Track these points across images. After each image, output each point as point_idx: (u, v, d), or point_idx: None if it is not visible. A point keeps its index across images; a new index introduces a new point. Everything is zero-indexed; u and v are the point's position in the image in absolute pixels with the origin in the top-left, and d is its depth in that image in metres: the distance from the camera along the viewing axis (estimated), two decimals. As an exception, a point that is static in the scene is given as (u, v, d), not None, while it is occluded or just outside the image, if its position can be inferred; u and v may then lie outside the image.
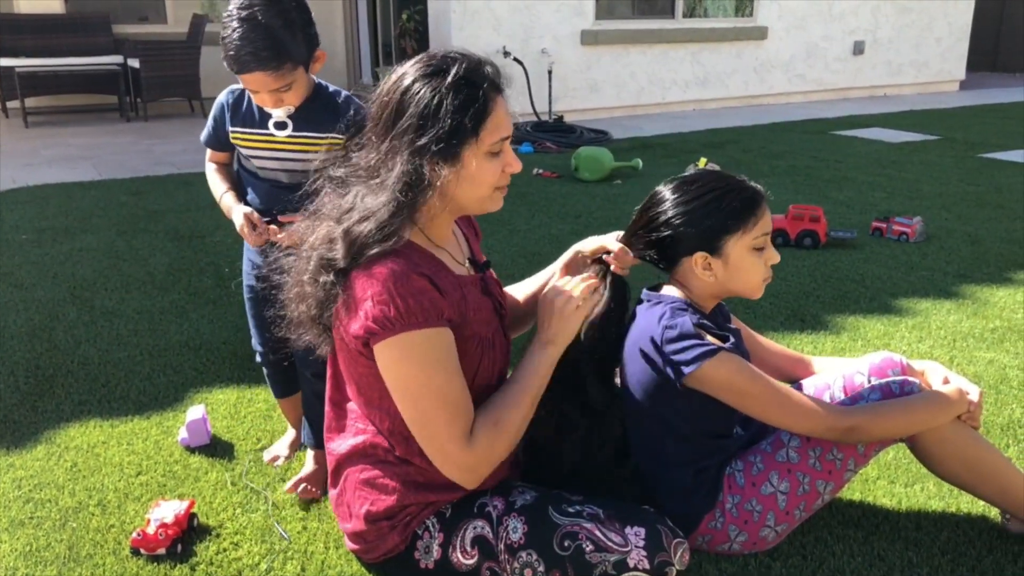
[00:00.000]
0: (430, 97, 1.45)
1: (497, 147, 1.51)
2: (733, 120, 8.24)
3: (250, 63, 1.84)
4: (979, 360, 2.75)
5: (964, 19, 10.62)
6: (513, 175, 1.58)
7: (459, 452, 1.51)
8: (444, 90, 1.45)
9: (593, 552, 1.51)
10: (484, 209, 1.58)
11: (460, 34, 7.49)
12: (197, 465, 2.16)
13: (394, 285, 1.44)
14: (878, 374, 1.78)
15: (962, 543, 1.81)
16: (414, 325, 1.45)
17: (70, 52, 8.14)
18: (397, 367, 1.48)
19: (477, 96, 1.46)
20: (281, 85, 1.89)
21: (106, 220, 4.51)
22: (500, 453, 1.55)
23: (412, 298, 1.44)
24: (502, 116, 1.50)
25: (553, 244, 4.07)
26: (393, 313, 1.44)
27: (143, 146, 6.83)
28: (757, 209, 1.65)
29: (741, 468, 1.72)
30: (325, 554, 1.80)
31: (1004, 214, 4.64)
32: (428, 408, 1.49)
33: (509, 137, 1.53)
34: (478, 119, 1.46)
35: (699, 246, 1.64)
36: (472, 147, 1.47)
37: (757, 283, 1.69)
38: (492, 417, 1.54)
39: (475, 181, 1.51)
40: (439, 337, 1.49)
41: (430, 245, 1.58)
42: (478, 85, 1.46)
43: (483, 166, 1.50)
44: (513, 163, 1.55)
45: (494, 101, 1.49)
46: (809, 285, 3.49)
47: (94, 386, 2.60)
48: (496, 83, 1.51)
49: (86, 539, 1.85)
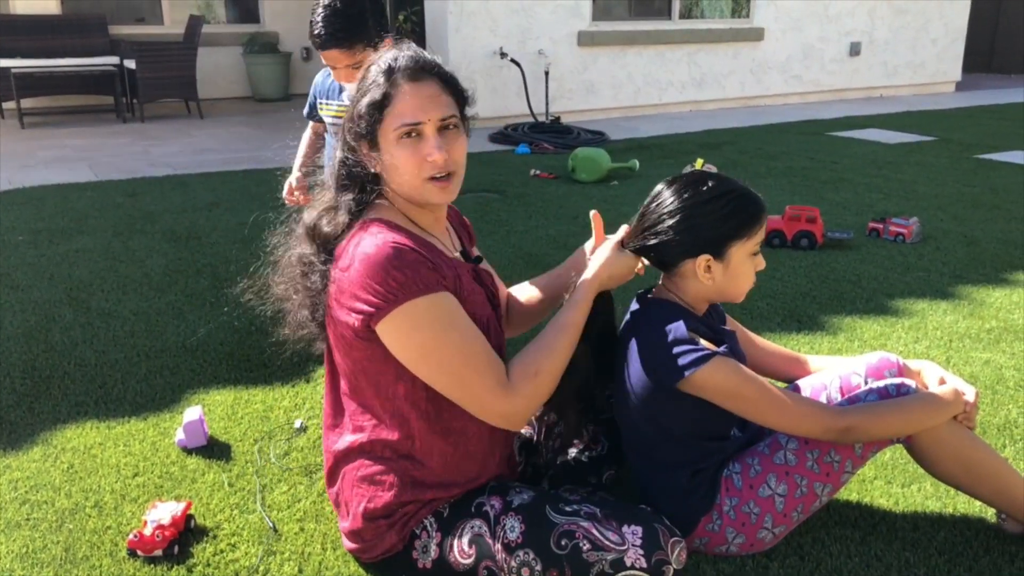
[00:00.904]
0: (354, 92, 1.60)
1: (403, 131, 1.52)
2: (730, 121, 8.25)
3: (327, 41, 2.32)
4: (975, 360, 2.76)
5: (960, 20, 10.64)
6: (510, 175, 1.58)
7: (499, 401, 1.53)
8: (362, 82, 1.58)
9: (590, 551, 1.51)
10: (424, 199, 1.58)
11: (456, 35, 7.49)
12: (194, 466, 2.15)
13: (387, 261, 1.47)
14: (875, 375, 1.78)
15: (959, 543, 1.81)
16: (414, 293, 1.48)
17: (66, 53, 8.14)
18: (409, 338, 1.50)
19: (381, 81, 1.53)
20: (352, 62, 2.33)
21: (102, 221, 4.50)
22: (542, 396, 1.59)
23: (408, 269, 1.48)
24: (408, 102, 1.52)
25: (550, 245, 4.08)
26: (393, 286, 1.47)
27: (139, 147, 6.82)
28: (763, 216, 1.67)
29: (739, 470, 1.72)
30: (322, 555, 1.80)
31: (1000, 215, 4.65)
32: (455, 367, 1.51)
33: (423, 123, 1.52)
34: (379, 104, 1.53)
35: (705, 249, 1.64)
36: (382, 131, 1.54)
37: (747, 288, 1.71)
38: (532, 367, 1.56)
39: (393, 166, 1.56)
40: (443, 300, 1.51)
41: (418, 230, 1.62)
42: (385, 71, 1.54)
43: (394, 152, 1.54)
44: (432, 151, 1.52)
45: (399, 87, 1.53)
46: (806, 286, 3.49)
47: (91, 387, 2.59)
48: (409, 69, 1.53)
49: (83, 541, 1.85)
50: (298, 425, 2.34)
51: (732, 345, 1.69)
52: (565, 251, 3.96)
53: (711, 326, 1.72)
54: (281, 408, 2.46)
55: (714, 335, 1.68)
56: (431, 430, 1.61)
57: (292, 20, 10.14)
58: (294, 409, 2.45)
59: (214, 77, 9.69)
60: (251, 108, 9.29)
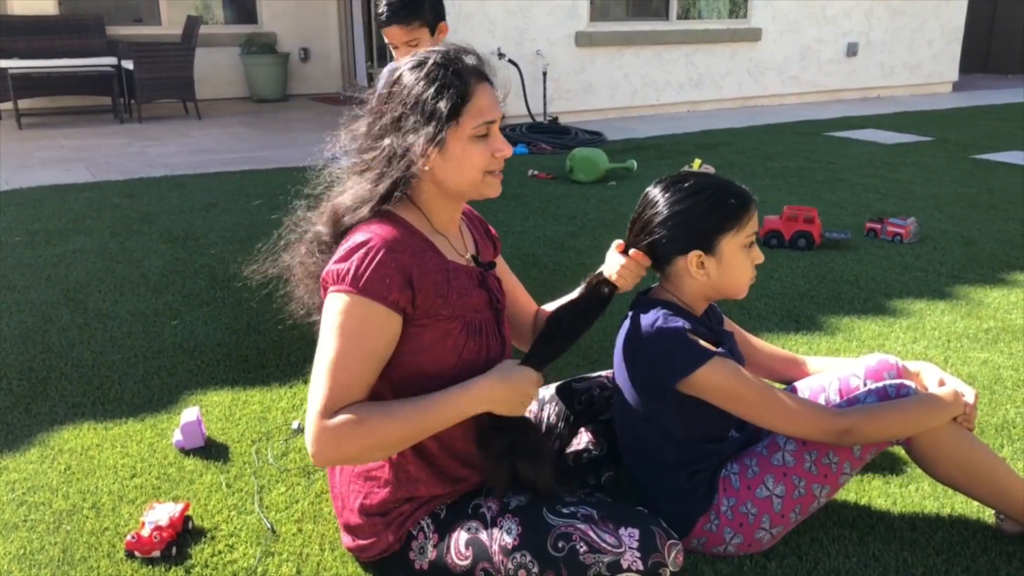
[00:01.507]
0: (412, 86, 1.54)
1: (481, 130, 1.55)
2: (727, 121, 8.25)
3: (390, 17, 2.67)
4: (973, 361, 2.76)
5: (956, 21, 10.66)
6: (508, 175, 1.59)
7: (313, 422, 1.47)
8: (425, 79, 1.52)
9: (587, 553, 1.51)
10: (480, 194, 1.61)
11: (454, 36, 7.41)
12: (192, 467, 2.15)
13: (363, 248, 1.50)
14: (874, 377, 1.78)
15: (957, 543, 1.82)
16: (354, 289, 1.49)
17: (64, 53, 8.13)
18: (326, 316, 1.52)
19: (454, 81, 1.52)
20: (410, 39, 2.67)
21: (99, 222, 4.50)
22: (347, 450, 1.48)
23: (369, 267, 1.49)
24: (484, 101, 1.55)
25: (548, 246, 4.08)
26: (346, 271, 1.49)
27: (137, 148, 6.81)
28: (750, 206, 1.66)
29: (737, 471, 1.72)
30: (320, 556, 1.79)
31: (997, 215, 4.65)
32: (319, 367, 1.50)
33: (495, 122, 1.57)
34: (457, 103, 1.52)
35: (694, 244, 1.65)
36: (454, 130, 1.53)
37: (745, 282, 1.70)
38: (361, 414, 1.47)
39: (461, 164, 1.56)
40: (371, 312, 1.49)
41: (429, 230, 1.62)
42: (457, 71, 1.53)
43: (468, 149, 1.55)
44: (503, 147, 1.58)
45: (474, 86, 1.54)
46: (803, 286, 3.49)
47: (88, 388, 2.59)
48: (478, 70, 1.57)
49: (80, 542, 1.84)
50: (296, 426, 2.34)
51: (731, 346, 1.69)
52: (562, 251, 3.96)
53: (709, 327, 1.72)
54: (279, 409, 2.45)
55: (712, 336, 1.68)
56: None
57: (290, 21, 10.13)
58: (292, 410, 2.45)
59: (212, 78, 9.68)
60: (249, 109, 9.28)
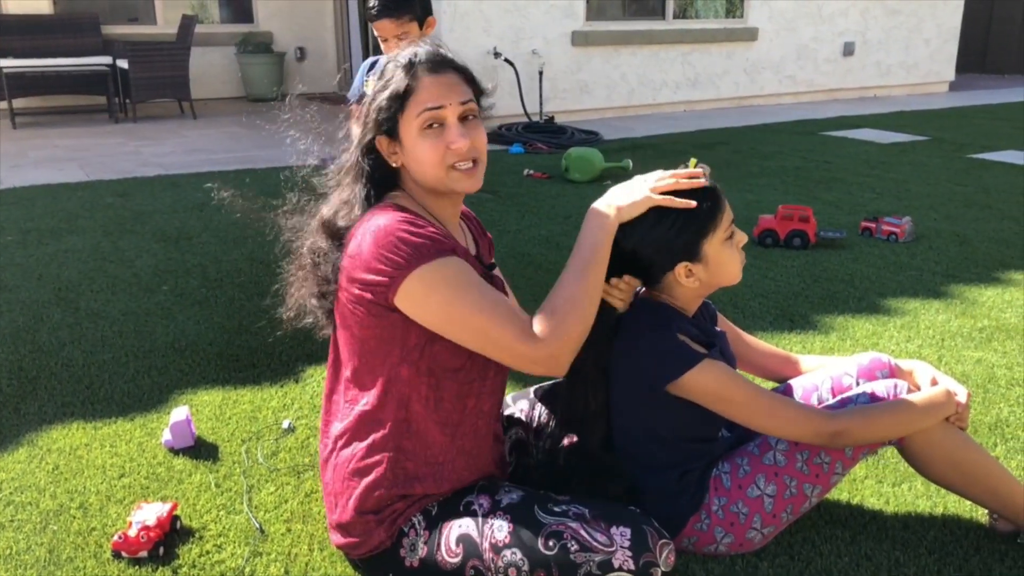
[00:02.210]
0: (373, 87, 1.61)
1: (427, 120, 1.54)
2: (723, 121, 8.25)
3: (380, 12, 2.72)
4: (967, 359, 2.75)
5: (953, 20, 10.66)
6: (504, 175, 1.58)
7: (529, 348, 1.51)
8: (381, 77, 1.59)
9: (578, 552, 1.50)
10: (450, 188, 1.59)
11: (450, 35, 7.48)
12: (181, 467, 2.14)
13: (397, 231, 1.50)
14: (866, 376, 1.78)
15: (949, 542, 1.81)
16: (425, 258, 1.49)
17: (59, 53, 8.10)
18: (428, 301, 1.50)
19: (401, 74, 1.55)
20: (400, 32, 2.71)
21: (92, 221, 4.48)
22: (573, 333, 1.53)
23: (418, 237, 1.50)
24: (430, 90, 1.55)
25: (543, 245, 4.06)
26: (404, 252, 1.49)
27: (131, 147, 6.79)
28: (720, 203, 1.63)
29: (728, 470, 1.71)
30: (309, 556, 1.78)
31: (992, 214, 4.65)
32: (478, 323, 1.50)
33: (442, 108, 1.54)
34: (402, 95, 1.54)
35: (679, 259, 1.62)
36: (403, 122, 1.56)
37: (737, 270, 1.67)
38: (548, 307, 1.54)
39: (417, 157, 1.57)
40: (454, 262, 1.52)
41: (435, 221, 1.63)
42: (408, 64, 1.56)
43: (417, 142, 1.56)
44: (455, 139, 1.55)
45: (421, 77, 1.55)
46: (798, 285, 3.48)
47: (78, 388, 2.57)
48: (429, 62, 1.57)
49: (67, 542, 1.83)
50: (286, 425, 2.32)
51: (722, 347, 1.68)
52: (558, 251, 3.95)
53: (701, 327, 1.71)
54: (269, 408, 2.44)
55: (704, 337, 1.67)
56: (429, 418, 1.61)
57: (286, 20, 10.11)
58: (282, 409, 2.44)
59: (207, 77, 9.66)
60: (244, 108, 9.27)
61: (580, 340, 1.55)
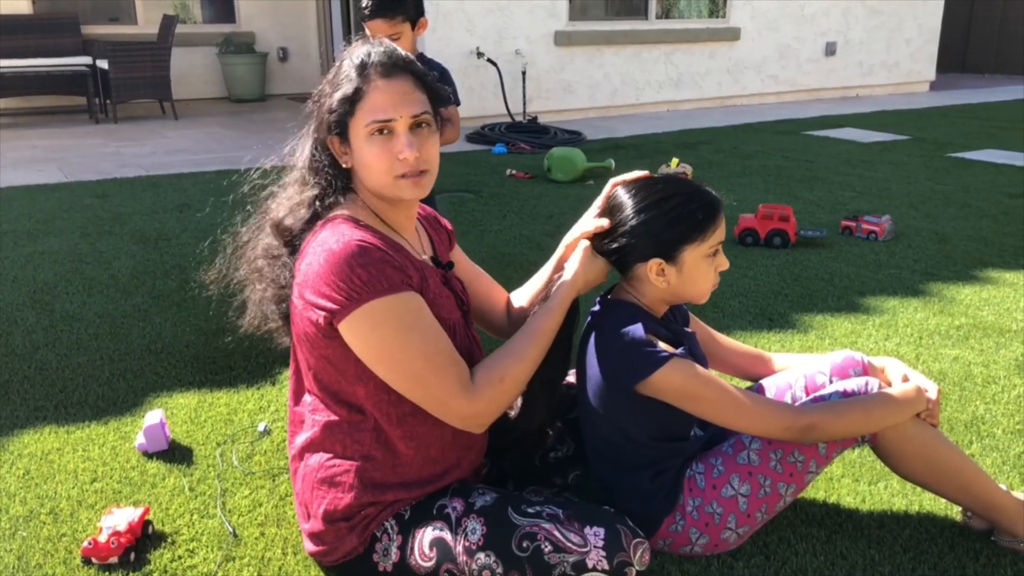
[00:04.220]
0: (323, 85, 1.58)
1: (373, 128, 1.51)
2: (706, 121, 8.27)
3: (374, 11, 2.76)
4: (944, 357, 2.76)
5: (934, 21, 10.74)
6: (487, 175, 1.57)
7: (459, 403, 1.52)
8: (333, 75, 1.56)
9: (552, 553, 1.49)
10: (395, 195, 1.57)
11: (433, 35, 7.46)
12: (154, 471, 2.11)
13: (351, 258, 1.46)
14: (839, 374, 1.78)
15: (924, 540, 1.81)
16: (377, 293, 1.46)
17: (38, 53, 8.03)
18: (369, 337, 1.48)
19: (354, 76, 1.52)
20: (393, 33, 2.75)
21: (70, 223, 4.43)
22: (505, 403, 1.58)
23: (372, 267, 1.46)
24: (379, 98, 1.51)
25: (525, 245, 4.06)
26: (356, 283, 1.45)
27: (111, 148, 6.73)
28: (716, 218, 1.62)
29: (702, 470, 1.71)
30: (283, 560, 1.76)
31: (971, 212, 4.68)
32: (415, 369, 1.49)
33: (392, 120, 1.51)
34: (351, 99, 1.52)
35: (655, 253, 1.62)
36: (353, 127, 1.53)
37: (707, 289, 1.67)
38: (498, 372, 1.56)
39: (364, 163, 1.55)
40: (406, 300, 1.49)
41: (387, 229, 1.60)
42: (358, 65, 1.54)
43: (364, 148, 1.54)
44: (402, 149, 1.51)
45: (373, 82, 1.52)
46: (778, 284, 3.49)
47: (51, 391, 2.54)
48: (384, 66, 1.53)
49: (36, 548, 1.80)
50: (262, 428, 2.30)
51: (691, 346, 1.68)
52: (539, 251, 3.94)
53: (670, 327, 1.70)
54: (245, 411, 2.42)
55: (673, 337, 1.66)
56: (392, 432, 1.59)
57: (269, 20, 10.07)
58: (258, 412, 2.42)
59: (189, 77, 9.60)
60: (227, 109, 9.21)
61: (502, 410, 1.59)
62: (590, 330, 1.70)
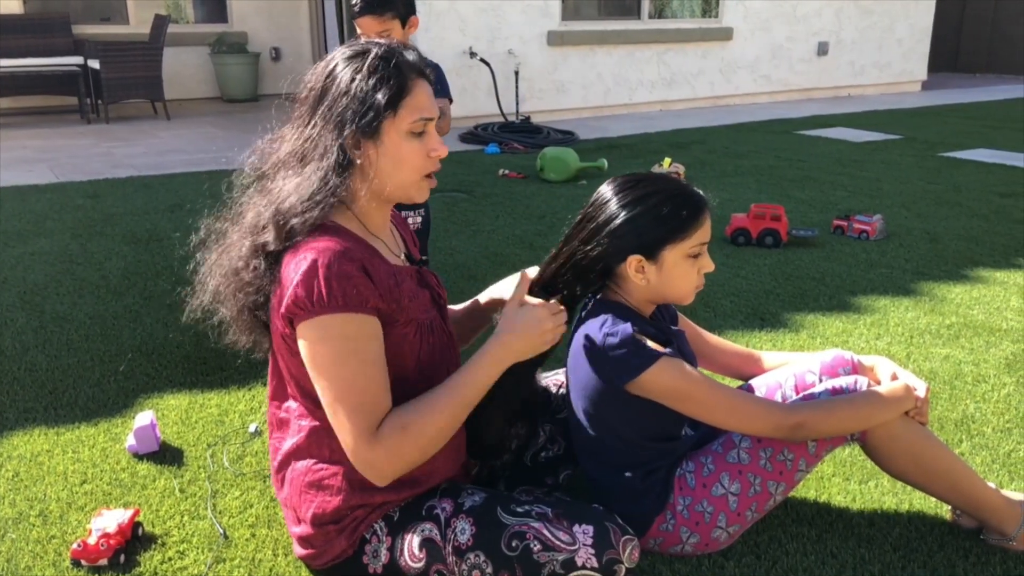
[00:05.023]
0: (351, 77, 1.51)
1: (418, 127, 1.53)
2: (699, 120, 8.28)
3: (363, 8, 2.70)
4: (935, 356, 2.77)
5: (925, 20, 10.77)
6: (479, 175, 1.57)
7: (359, 447, 1.47)
8: (364, 70, 1.50)
9: (541, 551, 1.49)
10: (409, 196, 1.58)
11: (426, 35, 7.45)
12: (145, 472, 2.11)
13: (321, 267, 1.45)
14: (829, 373, 1.78)
15: (914, 539, 1.82)
16: (334, 308, 1.45)
17: (29, 53, 7.99)
18: (313, 348, 1.47)
19: (394, 73, 1.51)
20: (382, 30, 2.69)
21: (61, 223, 4.42)
22: (408, 457, 1.50)
23: (336, 281, 1.44)
24: (422, 97, 1.54)
25: (518, 245, 4.06)
26: (316, 294, 1.44)
27: (103, 148, 6.71)
28: (700, 217, 1.61)
29: (692, 469, 1.71)
30: (273, 561, 1.76)
31: (962, 212, 4.70)
32: (336, 395, 1.47)
33: (432, 120, 1.55)
34: (395, 95, 1.50)
35: (636, 250, 1.61)
36: (391, 123, 1.51)
37: (688, 291, 1.66)
38: (403, 420, 1.49)
39: (398, 161, 1.53)
40: (359, 324, 1.47)
41: (366, 233, 1.59)
42: (397, 64, 1.52)
43: (403, 145, 1.52)
44: (438, 147, 1.56)
45: (413, 81, 1.53)
46: (770, 284, 3.50)
47: (41, 393, 2.53)
48: (417, 66, 1.55)
49: (25, 551, 1.80)
50: (252, 429, 2.30)
51: (680, 345, 1.68)
52: (531, 251, 3.94)
53: (659, 327, 1.70)
54: (236, 412, 2.41)
55: (662, 336, 1.66)
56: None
57: (261, 20, 10.05)
58: (249, 413, 2.41)
59: (181, 77, 9.57)
60: (219, 109, 9.19)
61: (412, 467, 1.52)
62: (578, 330, 1.70)
